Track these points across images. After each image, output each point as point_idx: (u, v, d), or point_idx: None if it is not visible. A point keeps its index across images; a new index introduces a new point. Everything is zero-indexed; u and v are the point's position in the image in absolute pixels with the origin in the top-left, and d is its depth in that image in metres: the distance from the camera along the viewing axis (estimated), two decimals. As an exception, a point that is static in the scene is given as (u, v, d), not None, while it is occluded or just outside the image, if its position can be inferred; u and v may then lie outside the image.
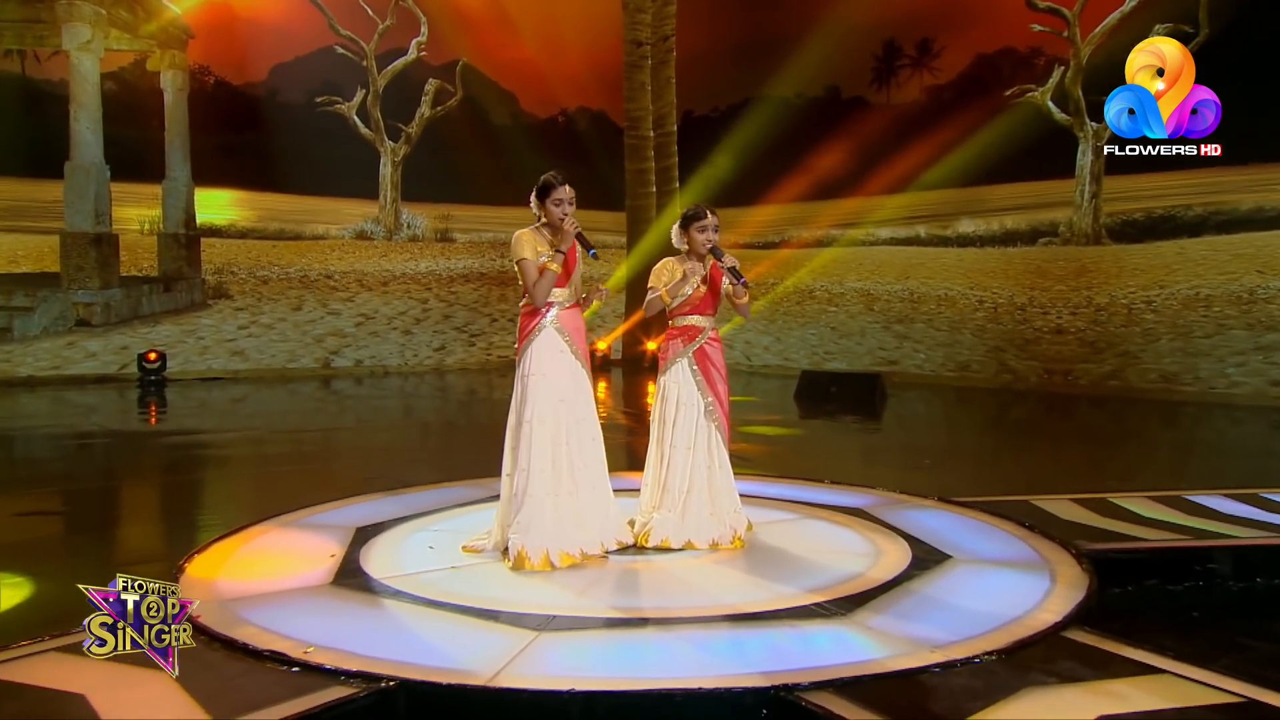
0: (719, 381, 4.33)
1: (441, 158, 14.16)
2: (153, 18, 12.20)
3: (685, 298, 4.29)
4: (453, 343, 13.84)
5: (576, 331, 4.14)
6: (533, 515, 3.97)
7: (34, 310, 11.34)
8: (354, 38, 13.60)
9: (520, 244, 4.08)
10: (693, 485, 4.27)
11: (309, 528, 4.44)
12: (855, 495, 5.11)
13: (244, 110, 13.32)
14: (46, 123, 11.61)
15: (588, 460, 4.13)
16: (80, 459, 7.40)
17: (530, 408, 4.02)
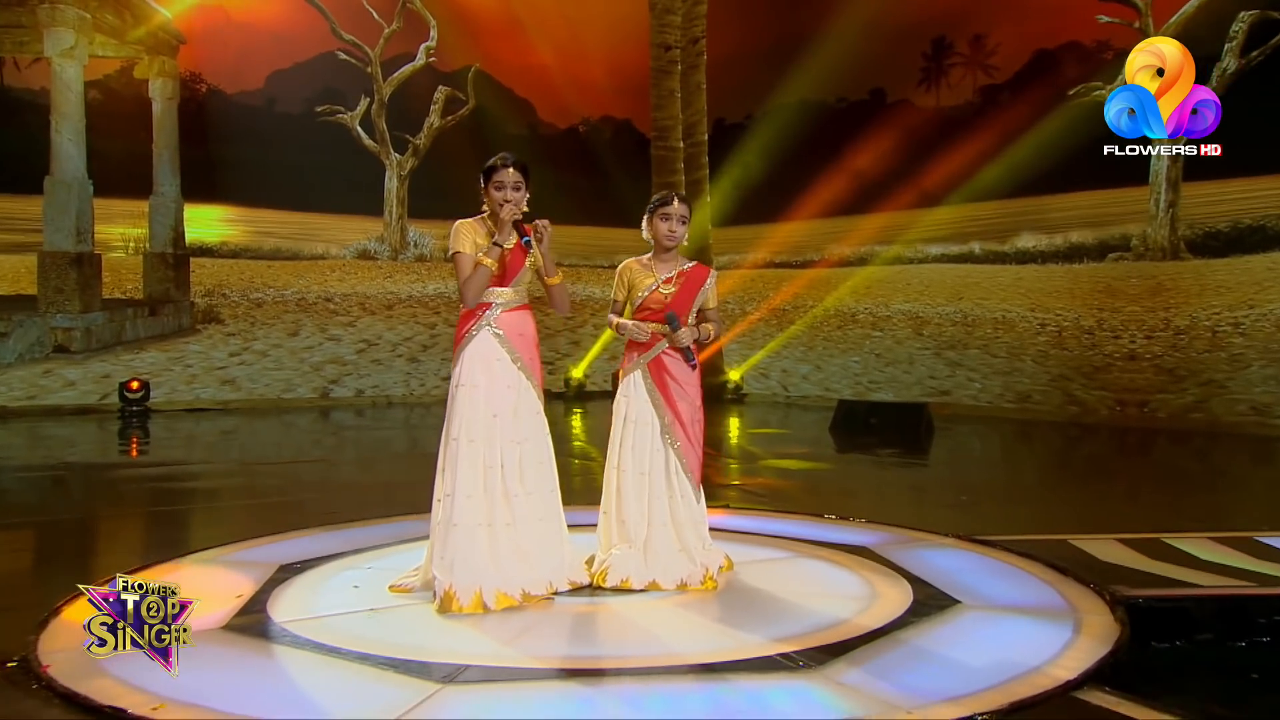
0: (680, 398, 4.05)
1: (451, 171, 13.93)
2: (141, 22, 12.40)
3: (640, 302, 4.07)
4: None
5: (521, 337, 3.92)
6: (461, 548, 3.74)
7: (8, 336, 11.45)
8: (357, 43, 13.74)
9: (457, 235, 3.88)
10: (653, 517, 4.03)
11: (227, 565, 4.32)
12: (864, 532, 4.94)
13: (238, 121, 13.46)
14: (25, 135, 11.79)
15: (532, 487, 3.88)
16: (25, 493, 7.37)
17: (458, 424, 3.81)
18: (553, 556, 3.91)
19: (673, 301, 4.03)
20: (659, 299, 4.03)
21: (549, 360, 13.88)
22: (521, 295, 3.95)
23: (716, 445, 10.01)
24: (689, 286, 4.06)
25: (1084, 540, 4.63)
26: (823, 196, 13.20)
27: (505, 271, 3.88)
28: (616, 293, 4.15)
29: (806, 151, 13.08)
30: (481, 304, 3.89)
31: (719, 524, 4.95)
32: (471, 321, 3.89)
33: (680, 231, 4.05)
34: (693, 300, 4.06)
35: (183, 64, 13.01)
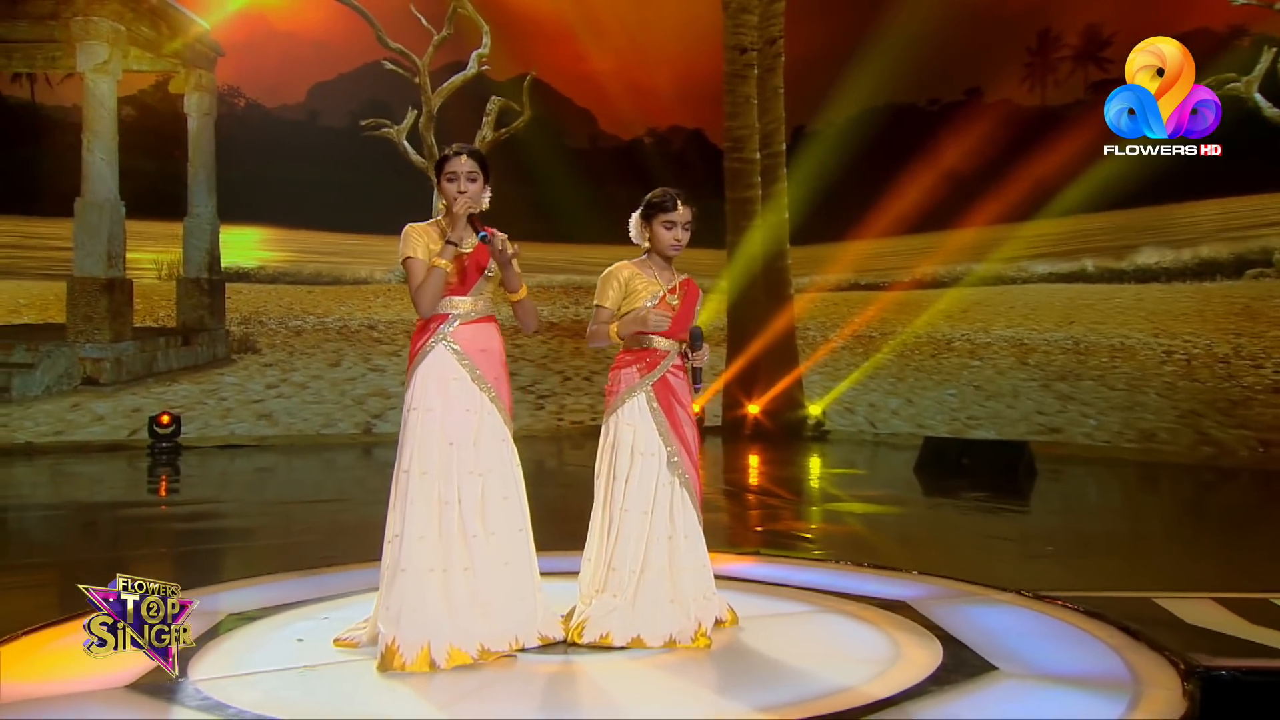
0: (685, 424, 3.90)
1: (505, 188, 13.72)
2: (177, 34, 12.67)
3: (647, 309, 3.88)
4: (517, 405, 13.25)
5: (484, 354, 3.74)
6: (408, 597, 3.53)
7: (35, 367, 11.72)
8: (405, 51, 13.74)
9: (406, 240, 3.71)
10: (648, 562, 3.81)
11: None
12: (910, 584, 4.81)
13: (278, 136, 13.62)
14: (57, 154, 12.11)
15: (495, 526, 3.67)
16: (48, 533, 7.51)
17: (409, 453, 3.62)
18: (519, 607, 3.69)
19: (680, 314, 3.92)
20: (666, 310, 3.87)
21: None
22: (485, 306, 3.78)
23: (786, 486, 9.82)
24: (690, 300, 3.99)
25: (1174, 599, 4.40)
26: (912, 209, 12.77)
27: (464, 277, 3.71)
28: (604, 298, 3.92)
29: (894, 159, 12.74)
30: (437, 316, 3.71)
31: (744, 572, 4.98)
32: (426, 336, 3.71)
33: (684, 239, 3.91)
34: (694, 315, 4.00)
35: (221, 77, 13.24)
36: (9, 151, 12.31)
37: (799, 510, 8.40)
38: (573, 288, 14.80)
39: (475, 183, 3.76)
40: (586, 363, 14.24)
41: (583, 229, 13.80)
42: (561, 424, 13.71)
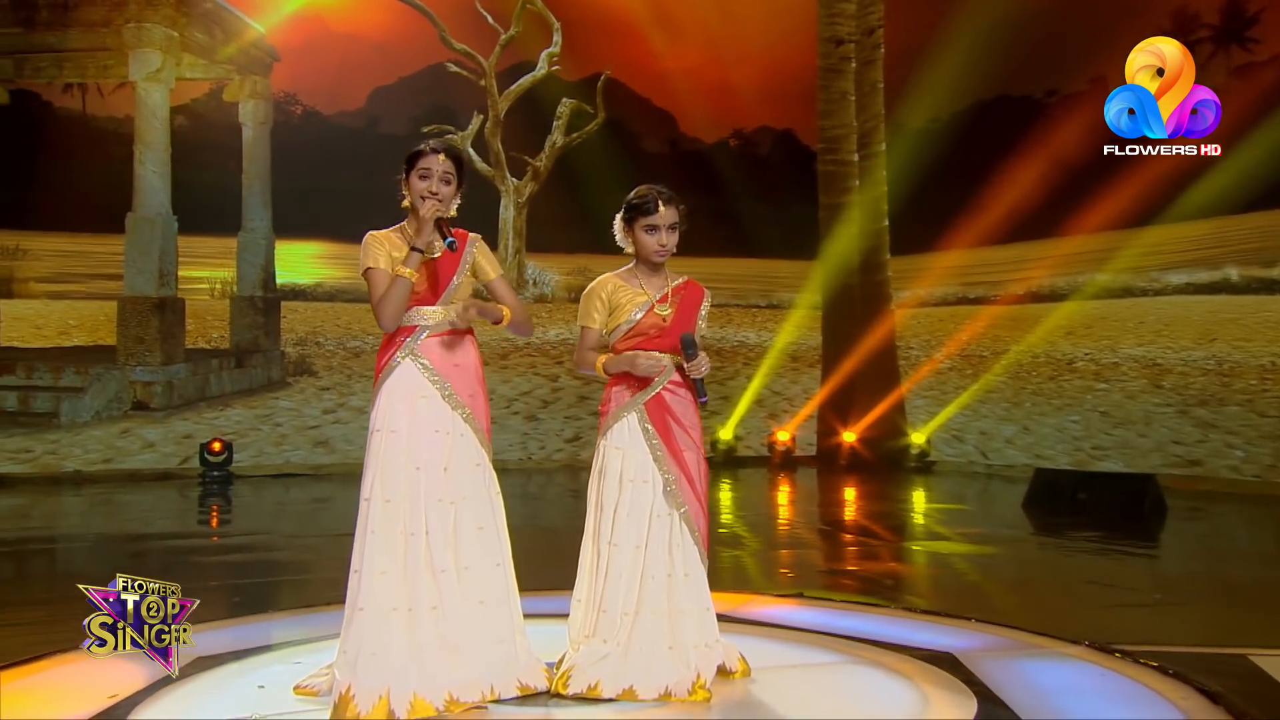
0: (686, 447, 3.78)
1: (577, 197, 13.92)
2: (232, 39, 12.80)
3: (633, 325, 3.77)
4: (591, 431, 13.26)
5: (457, 369, 3.66)
6: (367, 640, 3.44)
7: (85, 391, 11.84)
8: (470, 52, 13.84)
9: (367, 249, 3.63)
10: (643, 603, 3.68)
11: (136, 656, 4.12)
12: (964, 634, 4.73)
13: (336, 145, 13.68)
14: (108, 167, 12.31)
15: (470, 560, 3.58)
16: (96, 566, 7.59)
17: (370, 479, 3.55)
18: (495, 651, 3.59)
19: (673, 324, 3.78)
20: (656, 322, 3.77)
21: None
22: (457, 316, 3.66)
23: (882, 523, 9.50)
24: (687, 306, 3.85)
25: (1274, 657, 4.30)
26: (1025, 212, 12.28)
27: (434, 285, 3.64)
28: (589, 319, 3.81)
29: (1005, 158, 12.25)
30: (404, 328, 3.63)
31: (778, 617, 4.97)
32: (391, 350, 3.65)
33: (671, 243, 3.78)
34: (693, 323, 3.85)
35: (276, 83, 13.37)
36: (60, 165, 12.56)
37: (893, 549, 8.17)
38: None
39: (449, 185, 3.64)
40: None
41: None
42: None
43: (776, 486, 11.78)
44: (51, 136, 12.89)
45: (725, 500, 10.88)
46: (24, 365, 11.91)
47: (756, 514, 10.29)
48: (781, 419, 13.40)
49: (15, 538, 8.58)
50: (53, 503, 10.25)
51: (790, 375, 14.11)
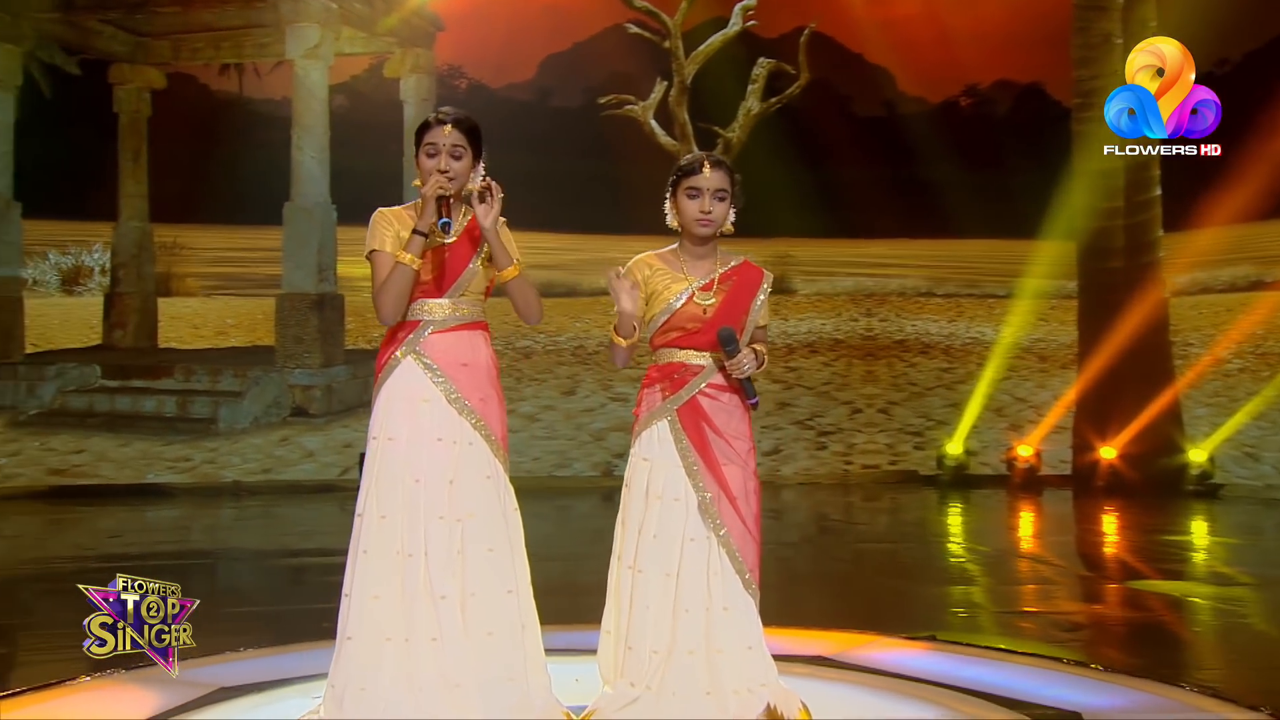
0: (727, 459, 3.67)
1: (776, 171, 13.47)
2: (393, 8, 12.99)
3: (669, 316, 3.68)
4: (792, 443, 13.12)
5: (465, 369, 3.64)
6: (355, 673, 3.51)
7: (244, 396, 12.27)
8: (653, 10, 13.52)
9: (373, 229, 3.64)
10: (676, 641, 3.59)
11: (156, 683, 4.49)
12: (1117, 692, 4.69)
13: (503, 122, 13.91)
14: (266, 154, 12.70)
15: (477, 585, 3.55)
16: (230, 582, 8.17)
17: (367, 494, 3.58)
18: (504, 690, 3.55)
19: (717, 315, 3.67)
20: (695, 313, 3.68)
21: (912, 427, 12.97)
22: (467, 310, 3.69)
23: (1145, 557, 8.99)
24: (739, 294, 3.73)
25: None
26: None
27: (441, 274, 3.63)
28: (623, 303, 3.67)
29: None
30: (406, 323, 3.64)
31: (889, 663, 4.96)
32: (392, 348, 3.66)
33: (718, 212, 3.66)
34: (745, 314, 3.72)
35: (440, 55, 13.54)
36: (217, 153, 13.08)
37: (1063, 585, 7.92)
38: (863, 295, 14.30)
39: (460, 160, 3.59)
40: (883, 390, 13.44)
41: (877, 220, 13.54)
42: (850, 468, 12.87)
43: (1013, 512, 11.21)
44: (208, 123, 13.56)
45: (954, 527, 10.71)
46: (182, 368, 12.48)
47: (979, 543, 9.98)
48: (1025, 431, 12.62)
49: (176, 551, 9.03)
50: (211, 515, 10.68)
51: (1037, 378, 13.47)
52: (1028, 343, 13.76)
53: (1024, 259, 13.09)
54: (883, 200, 13.25)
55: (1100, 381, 12.22)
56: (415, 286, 3.58)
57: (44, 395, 12.24)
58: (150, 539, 9.76)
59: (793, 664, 4.79)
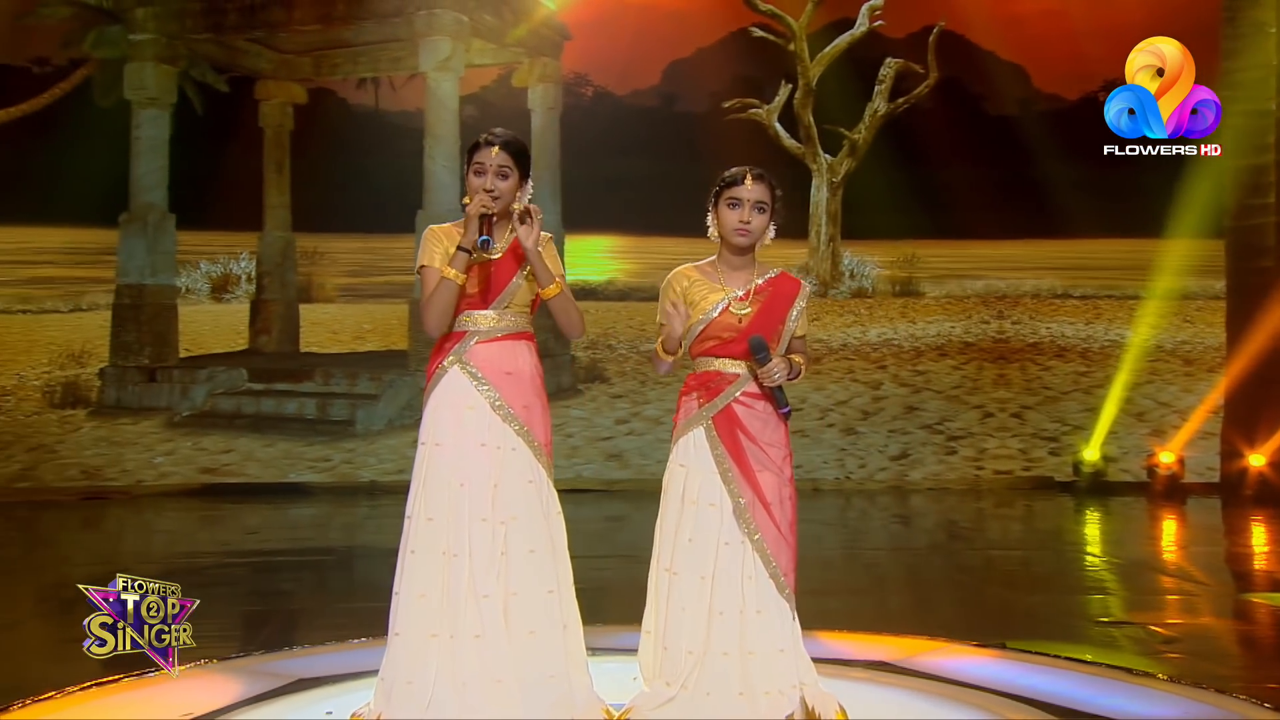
0: (762, 466, 3.76)
1: (902, 173, 13.56)
2: (522, 19, 13.17)
3: (705, 325, 3.80)
4: (920, 447, 12.84)
5: (509, 377, 3.79)
6: (402, 668, 3.67)
7: (379, 398, 12.53)
8: (778, 13, 13.66)
9: (424, 244, 3.83)
10: (711, 643, 3.71)
11: (236, 672, 4.94)
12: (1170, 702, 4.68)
13: (629, 128, 14.05)
14: (400, 163, 13.00)
15: (519, 585, 3.70)
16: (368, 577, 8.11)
17: (415, 496, 3.76)
18: (546, 688, 3.69)
19: (751, 325, 3.78)
20: (731, 322, 3.79)
21: (1047, 432, 12.63)
22: (511, 321, 3.84)
23: None
24: (775, 304, 3.84)
25: None
26: None
27: (486, 286, 3.79)
28: (663, 315, 3.86)
29: None
30: (453, 334, 3.81)
31: (951, 669, 4.99)
32: (440, 358, 3.83)
33: (756, 224, 3.78)
34: (781, 324, 3.85)
35: (566, 63, 13.65)
36: (355, 164, 13.55)
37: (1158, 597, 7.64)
38: (995, 297, 14.00)
39: (507, 180, 3.75)
40: (1015, 394, 13.08)
41: (1008, 220, 13.34)
42: (982, 473, 12.53)
43: (1154, 520, 10.82)
44: (347, 135, 13.97)
45: (1091, 534, 10.46)
46: (322, 371, 12.78)
47: (1114, 552, 9.66)
48: (1168, 436, 12.16)
49: (315, 547, 9.38)
50: (348, 513, 10.96)
51: (1182, 381, 13.02)
52: (1172, 345, 13.34)
53: (1165, 259, 12.60)
54: (1015, 200, 13.05)
55: (1249, 386, 11.66)
56: (462, 299, 3.74)
57: (196, 398, 12.64)
58: (291, 535, 10.07)
59: (852, 668, 4.95)
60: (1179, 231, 12.11)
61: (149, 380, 12.67)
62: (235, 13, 12.80)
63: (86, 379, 12.67)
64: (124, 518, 10.90)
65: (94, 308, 13.07)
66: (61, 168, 12.66)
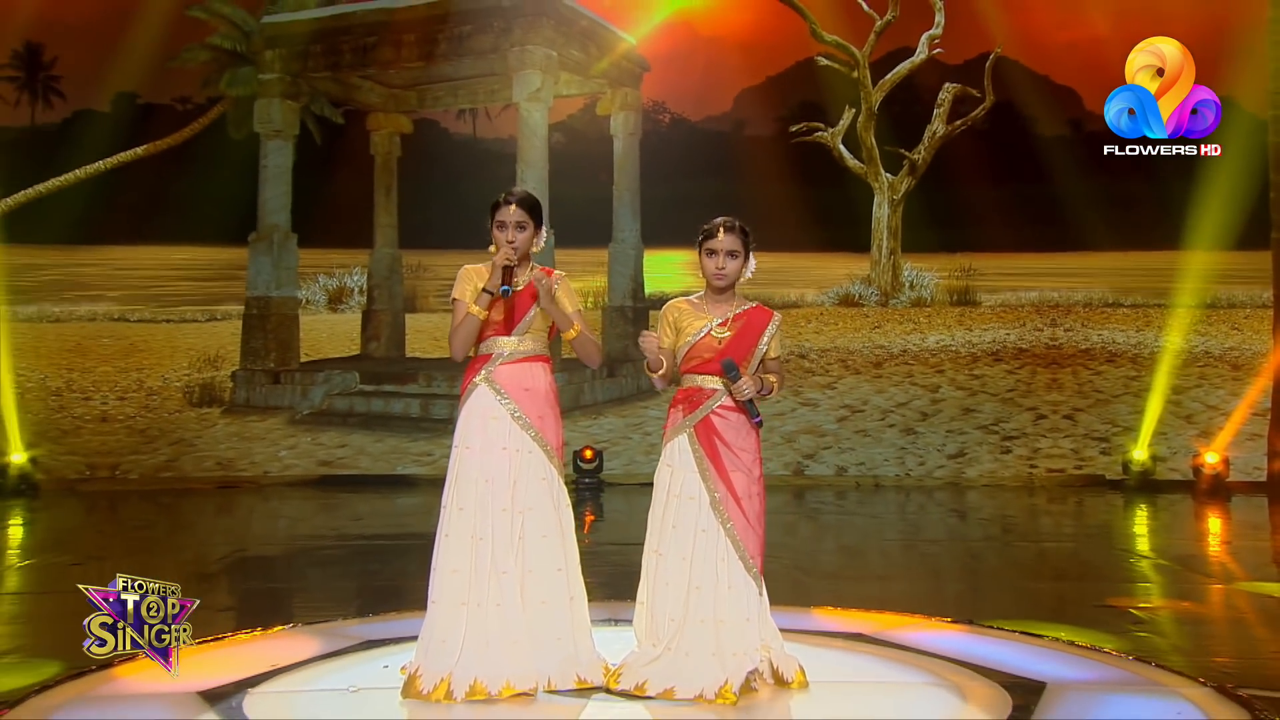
0: (734, 467, 4.17)
1: (961, 191, 13.50)
2: (605, 53, 13.48)
3: (689, 348, 4.24)
4: (976, 447, 12.83)
5: (526, 393, 4.20)
6: (437, 629, 4.11)
7: None
8: (842, 43, 13.65)
9: (458, 280, 4.31)
10: (690, 612, 4.13)
11: (321, 635, 5.38)
12: (1081, 665, 5.02)
13: (703, 151, 14.06)
14: (493, 186, 12.88)
15: (534, 564, 4.13)
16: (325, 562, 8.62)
17: (450, 489, 4.21)
18: (554, 648, 4.14)
19: (727, 347, 4.18)
20: (711, 345, 4.18)
21: (1097, 433, 12.64)
22: (530, 345, 4.27)
23: None
24: (748, 331, 4.24)
25: None
26: None
27: (509, 317, 4.22)
28: (660, 339, 4.26)
29: None
30: (481, 356, 4.26)
31: (912, 640, 5.26)
32: (471, 375, 4.28)
33: (730, 268, 4.20)
34: (753, 347, 4.24)
35: (645, 93, 13.89)
36: (454, 187, 13.87)
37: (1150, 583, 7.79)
38: (1048, 306, 13.77)
39: (524, 231, 4.21)
40: (1067, 397, 13.01)
41: (1061, 233, 13.11)
42: (1034, 471, 12.56)
43: (1196, 517, 10.72)
44: (447, 160, 14.26)
45: (1140, 528, 10.33)
46: (424, 375, 13.18)
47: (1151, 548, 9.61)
48: (1214, 438, 12.00)
49: (418, 533, 9.75)
50: None
51: (1230, 385, 12.78)
52: (1220, 351, 13.14)
53: (1214, 269, 12.34)
54: (1067, 214, 12.82)
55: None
56: (489, 326, 4.19)
57: (314, 397, 13.09)
58: (396, 522, 10.43)
59: (834, 639, 5.33)
60: (1224, 244, 11.85)
61: (274, 382, 13.15)
62: (350, 53, 13.28)
63: (220, 381, 13.17)
64: (252, 504, 11.38)
65: (226, 317, 13.63)
66: (199, 193, 13.24)
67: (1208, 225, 11.79)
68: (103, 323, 13.70)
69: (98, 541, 9.68)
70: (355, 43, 13.23)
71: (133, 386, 13.01)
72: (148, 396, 13.00)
